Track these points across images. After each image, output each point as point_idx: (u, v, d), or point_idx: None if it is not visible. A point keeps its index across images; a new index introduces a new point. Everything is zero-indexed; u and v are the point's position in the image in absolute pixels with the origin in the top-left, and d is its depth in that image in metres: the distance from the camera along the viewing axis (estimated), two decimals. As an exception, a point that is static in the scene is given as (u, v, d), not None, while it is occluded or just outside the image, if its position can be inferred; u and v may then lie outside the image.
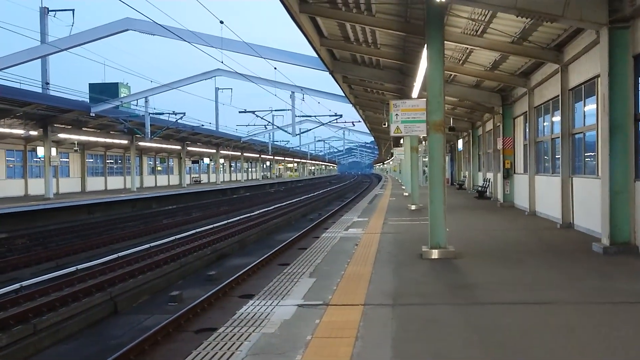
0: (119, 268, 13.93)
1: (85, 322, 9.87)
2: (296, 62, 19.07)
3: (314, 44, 15.43)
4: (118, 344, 8.57)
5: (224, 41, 17.84)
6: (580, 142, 12.55)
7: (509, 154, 19.03)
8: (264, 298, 6.39)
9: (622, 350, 4.50)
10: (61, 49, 20.59)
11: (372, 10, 12.86)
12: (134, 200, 33.66)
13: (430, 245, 9.08)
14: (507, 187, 19.26)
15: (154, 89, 30.54)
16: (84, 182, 40.19)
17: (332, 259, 9.07)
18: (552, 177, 14.35)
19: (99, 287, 11.77)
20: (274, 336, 4.95)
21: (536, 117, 16.33)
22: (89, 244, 18.17)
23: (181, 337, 8.95)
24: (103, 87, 48.92)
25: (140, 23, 19.82)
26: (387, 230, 12.98)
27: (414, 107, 10.02)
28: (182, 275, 13.92)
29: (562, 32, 11.65)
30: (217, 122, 57.27)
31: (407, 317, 5.50)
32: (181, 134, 43.73)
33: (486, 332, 4.98)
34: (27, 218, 23.77)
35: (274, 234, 22.06)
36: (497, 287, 6.81)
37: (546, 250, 9.81)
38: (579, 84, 12.02)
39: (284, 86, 29.18)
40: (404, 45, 15.49)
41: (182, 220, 26.79)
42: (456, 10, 11.72)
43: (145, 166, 49.97)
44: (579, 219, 12.23)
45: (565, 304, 5.92)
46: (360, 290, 6.66)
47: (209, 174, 65.03)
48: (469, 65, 16.29)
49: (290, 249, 17.45)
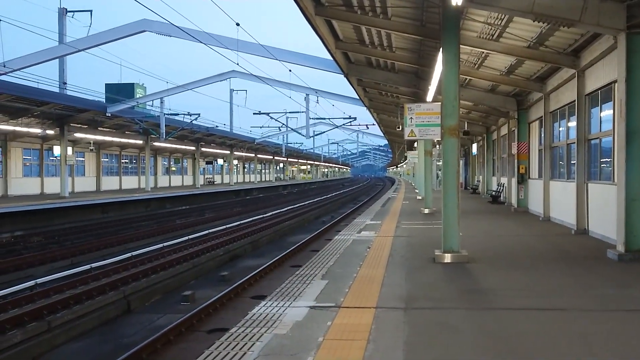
0: (132, 267, 14.02)
1: (98, 320, 9.94)
2: (311, 65, 19.13)
3: (329, 46, 15.46)
4: (131, 343, 8.63)
5: (239, 43, 17.94)
6: (596, 147, 12.45)
7: (524, 159, 18.91)
8: (276, 299, 6.41)
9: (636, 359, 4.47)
10: (79, 49, 20.81)
11: (388, 14, 12.86)
12: (148, 200, 33.87)
13: (444, 249, 9.06)
14: (522, 192, 19.14)
15: (169, 90, 30.77)
16: (99, 182, 40.53)
17: (345, 261, 9.08)
18: (567, 183, 14.25)
19: (113, 286, 11.85)
20: (285, 337, 4.97)
21: (552, 122, 16.23)
22: (103, 242, 18.32)
23: (193, 336, 8.98)
24: (119, 87, 49.27)
25: (156, 24, 19.99)
26: (400, 233, 12.96)
27: (428, 111, 9.99)
28: (195, 275, 13.98)
29: (579, 37, 11.58)
30: (231, 124, 57.46)
31: (420, 321, 5.49)
32: (195, 134, 43.96)
33: (498, 338, 4.96)
34: (43, 216, 24.01)
35: (286, 236, 22.09)
36: (510, 292, 6.78)
37: (560, 256, 9.74)
38: (596, 89, 11.93)
39: (299, 88, 29.27)
40: (420, 48, 15.47)
41: (195, 220, 26.91)
42: (472, 15, 11.69)
43: (159, 166, 50.30)
44: (594, 225, 12.13)
45: (578, 311, 5.88)
46: (372, 293, 6.67)
47: (223, 175, 65.27)
48: (484, 69, 16.23)
49: (303, 251, 17.46)
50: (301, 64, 19.18)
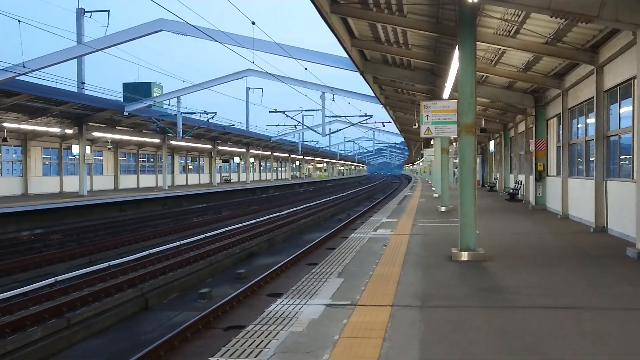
0: (150, 265, 14.14)
1: (116, 318, 10.05)
2: (327, 63, 19.11)
3: (345, 44, 15.43)
4: (148, 340, 8.71)
5: (255, 42, 17.98)
6: (616, 144, 12.30)
7: (542, 156, 18.74)
8: (292, 297, 6.43)
9: (656, 358, 4.42)
10: (96, 49, 20.98)
11: (404, 11, 12.81)
12: (165, 198, 34.11)
13: (460, 247, 9.02)
14: (540, 190, 18.97)
15: (186, 89, 30.93)
16: (117, 180, 40.92)
17: (361, 259, 9.07)
18: (585, 180, 14.10)
19: (131, 283, 11.98)
20: (301, 335, 4.98)
21: (570, 119, 16.06)
22: (120, 240, 18.49)
23: (210, 334, 9.04)
24: (136, 86, 49.64)
25: (173, 24, 20.09)
26: (417, 231, 12.92)
27: (444, 109, 9.94)
28: (212, 273, 14.06)
29: (597, 32, 11.44)
30: (247, 122, 57.64)
31: (435, 320, 5.48)
32: (212, 133, 44.17)
33: (515, 337, 4.93)
34: (62, 214, 24.30)
35: (302, 234, 22.13)
36: (527, 291, 6.72)
37: (578, 254, 9.65)
38: (615, 85, 11.78)
39: (314, 86, 29.27)
40: (436, 45, 15.39)
41: (212, 218, 27.06)
42: (488, 11, 11.60)
43: (176, 165, 50.63)
44: (613, 223, 11.99)
45: (596, 310, 5.82)
46: (388, 291, 6.66)
47: (239, 173, 65.51)
48: (501, 66, 16.10)
49: (319, 249, 17.48)
50: (317, 62, 19.17)
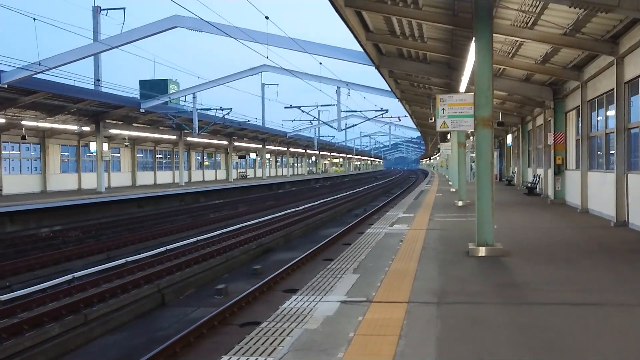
0: (166, 261, 14.19)
1: (133, 314, 10.09)
2: (342, 57, 18.98)
3: (360, 38, 15.30)
4: (164, 336, 8.73)
5: (269, 37, 17.91)
6: (637, 137, 12.06)
7: (561, 149, 18.46)
8: (307, 293, 6.37)
9: (680, 356, 4.29)
10: (113, 46, 21.06)
11: (419, 3, 12.65)
12: (182, 194, 34.27)
13: (478, 242, 8.89)
14: (558, 184, 18.71)
15: (202, 85, 30.97)
16: (134, 177, 41.19)
17: (377, 254, 8.99)
18: (606, 174, 13.86)
19: (148, 280, 12.03)
20: (316, 332, 4.92)
21: (589, 112, 15.79)
22: (138, 236, 18.59)
23: (226, 330, 9.04)
24: (153, 83, 49.84)
25: (188, 20, 20.08)
26: (433, 226, 12.80)
27: (461, 102, 9.79)
28: (228, 268, 14.08)
29: (617, 22, 11.20)
30: (263, 118, 57.67)
31: (453, 316, 5.38)
32: (228, 129, 44.26)
33: (534, 334, 4.82)
34: (80, 211, 24.50)
35: (319, 229, 22.09)
36: (547, 287, 6.60)
37: (599, 249, 9.48)
38: (636, 76, 11.53)
39: (330, 81, 29.15)
40: (452, 38, 15.20)
41: (228, 214, 27.13)
42: (505, 2, 11.41)
43: (193, 161, 50.85)
44: (635, 217, 11.77)
45: (618, 306, 5.68)
46: (404, 287, 6.57)
47: (255, 169, 65.65)
48: (518, 58, 15.87)
49: (335, 244, 17.43)
50: (331, 57, 19.05)
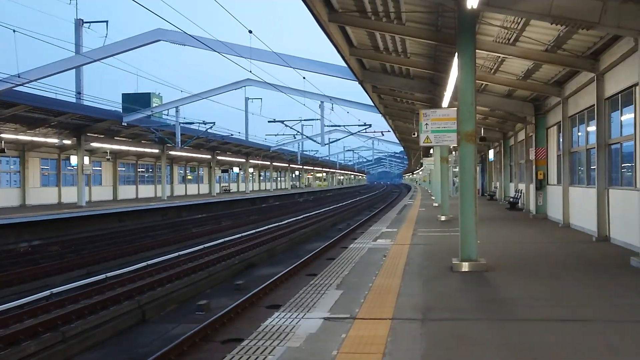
0: (147, 276, 13.98)
1: (113, 330, 9.88)
2: (325, 72, 19.04)
3: (343, 53, 15.35)
4: (145, 353, 8.54)
5: (252, 51, 17.90)
6: (617, 152, 12.18)
7: (542, 164, 18.61)
8: (290, 310, 6.28)
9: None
10: (95, 59, 20.92)
11: (402, 19, 12.72)
12: (164, 208, 33.95)
13: (461, 257, 8.87)
14: (540, 199, 18.83)
15: (185, 99, 30.87)
16: (116, 191, 40.77)
17: (360, 270, 8.93)
18: (587, 189, 13.96)
19: (128, 295, 11.81)
20: (298, 350, 4.83)
21: (570, 127, 15.95)
22: (119, 251, 18.33)
23: (207, 347, 8.88)
24: (136, 97, 49.59)
25: (171, 34, 20.03)
26: (417, 241, 12.78)
27: (444, 117, 9.82)
28: (210, 284, 13.90)
29: (598, 39, 11.34)
30: (246, 132, 57.51)
31: (438, 333, 5.32)
32: (211, 143, 44.09)
33: (522, 351, 4.77)
34: (60, 225, 24.13)
35: (302, 244, 21.97)
36: (532, 302, 6.57)
37: (582, 264, 9.50)
38: (616, 92, 11.67)
39: (313, 96, 29.21)
40: (435, 54, 15.31)
41: (211, 229, 26.90)
42: (488, 19, 11.51)
43: (175, 175, 50.52)
44: (616, 232, 11.84)
45: (605, 322, 5.66)
46: (388, 303, 6.50)
47: (239, 183, 65.38)
48: (500, 74, 16.01)
49: (319, 259, 17.33)
50: (315, 71, 19.10)
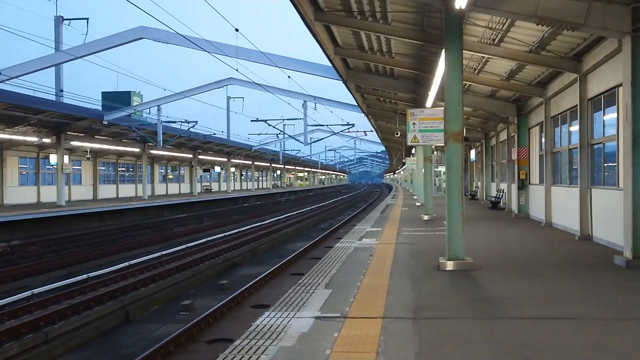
0: (130, 276, 13.83)
1: (96, 331, 9.76)
2: (310, 71, 19.01)
3: (328, 52, 15.34)
4: (130, 354, 8.45)
5: (238, 50, 17.80)
6: (600, 152, 12.33)
7: (524, 164, 18.79)
8: (279, 309, 6.24)
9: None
10: (76, 57, 20.66)
11: (388, 19, 12.74)
12: (145, 208, 33.65)
13: (448, 256, 8.90)
14: (522, 198, 19.01)
15: (167, 98, 30.62)
16: (96, 190, 40.32)
17: (348, 269, 8.92)
18: (569, 188, 14.12)
19: (111, 296, 11.68)
20: (292, 350, 4.80)
21: (552, 128, 16.12)
22: (100, 251, 18.11)
23: (193, 347, 8.80)
24: (116, 95, 49.14)
25: (153, 31, 19.86)
26: (402, 240, 12.81)
27: (432, 116, 9.86)
28: (194, 284, 13.79)
29: (581, 41, 11.47)
30: (228, 131, 57.34)
31: (429, 332, 5.33)
32: (193, 142, 43.81)
33: (513, 348, 4.79)
34: (39, 225, 23.79)
35: (285, 243, 21.91)
36: (520, 301, 6.61)
37: (567, 263, 9.60)
38: (599, 93, 11.82)
39: (297, 95, 29.16)
40: (420, 54, 15.36)
41: (193, 228, 26.72)
42: (473, 19, 11.58)
43: (156, 174, 50.12)
44: (598, 231, 12.00)
45: (591, 320, 5.72)
46: (378, 302, 6.50)
47: (220, 182, 65.07)
48: (484, 74, 16.12)
49: (302, 258, 17.29)
50: (300, 71, 19.05)
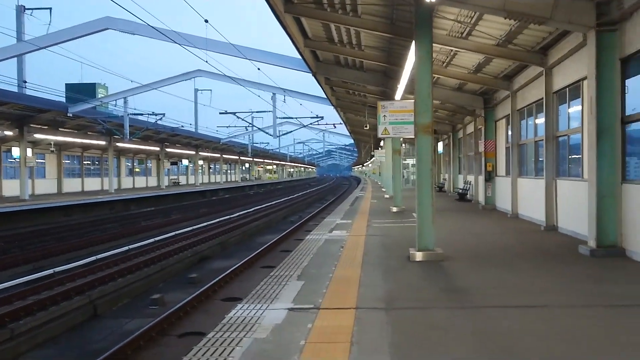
0: (98, 271, 13.62)
1: (64, 326, 9.60)
2: (280, 64, 18.95)
3: (298, 44, 15.32)
4: (99, 349, 8.33)
5: (208, 42, 17.61)
6: (565, 144, 12.59)
7: (491, 156, 19.06)
8: (252, 302, 6.23)
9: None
10: (39, 47, 20.17)
11: (358, 12, 12.79)
12: (112, 202, 33.14)
13: (418, 247, 9.00)
14: (489, 190, 19.30)
15: (134, 89, 30.17)
16: (61, 184, 39.51)
17: (319, 261, 8.94)
18: (535, 180, 14.39)
19: (78, 290, 11.49)
20: (266, 341, 4.79)
21: (519, 120, 16.39)
22: (66, 246, 17.78)
23: (165, 341, 8.73)
24: (80, 87, 48.18)
25: (120, 22, 19.52)
26: (372, 232, 12.89)
27: (402, 109, 9.94)
28: (163, 277, 13.67)
29: (547, 35, 11.69)
30: (196, 124, 56.67)
31: (402, 322, 5.38)
32: (160, 135, 43.25)
33: (486, 337, 4.87)
34: (2, 220, 23.22)
35: (255, 236, 21.85)
36: (490, 290, 6.73)
37: (534, 252, 9.79)
38: (564, 86, 12.06)
39: (267, 87, 29.03)
40: (389, 47, 15.44)
41: (161, 222, 26.42)
42: (443, 12, 11.69)
43: (123, 167, 49.37)
44: (563, 221, 12.27)
45: (561, 308, 5.84)
46: (351, 293, 6.54)
47: (188, 175, 64.44)
48: (452, 67, 16.30)
49: (273, 251, 17.28)
50: (270, 63, 18.97)
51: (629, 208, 8.61)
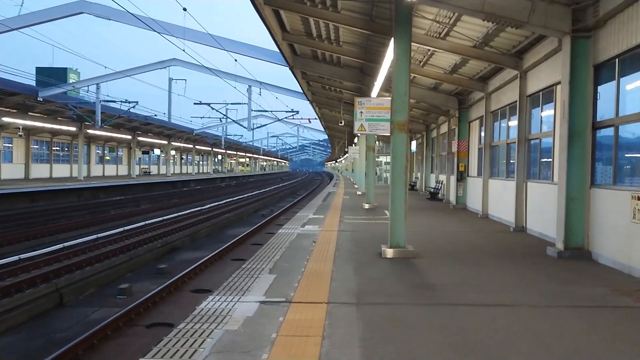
0: (64, 259, 13.39)
1: (28, 314, 9.42)
2: (257, 56, 18.86)
3: (276, 37, 15.26)
4: (64, 338, 8.20)
5: (186, 31, 17.42)
6: (536, 147, 12.79)
7: (463, 157, 19.27)
8: (223, 294, 6.20)
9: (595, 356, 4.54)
10: (10, 28, 19.72)
11: (338, 7, 12.78)
12: (80, 189, 32.61)
13: (390, 244, 9.07)
14: (460, 190, 19.51)
15: (107, 76, 29.72)
16: (28, 169, 38.73)
17: (291, 255, 8.94)
18: (506, 181, 14.59)
19: (44, 278, 11.28)
20: (237, 334, 4.78)
21: (492, 122, 16.58)
22: (32, 233, 17.45)
23: (132, 331, 8.63)
24: (51, 71, 47.16)
25: (95, 6, 19.19)
26: (344, 228, 12.93)
27: (378, 106, 9.97)
28: (132, 267, 13.50)
29: (523, 39, 11.84)
30: (169, 113, 56.06)
31: (373, 317, 5.42)
32: (132, 123, 42.71)
33: (453, 333, 4.94)
34: (-34, 204, 22.69)
35: (225, 229, 21.73)
36: (459, 288, 6.81)
37: (503, 252, 9.93)
38: (537, 90, 12.24)
39: (243, 79, 28.85)
40: (367, 44, 15.48)
41: (131, 211, 26.08)
42: (422, 12, 11.75)
43: (93, 155, 48.65)
44: (532, 223, 12.47)
45: (526, 307, 5.95)
46: (322, 288, 6.55)
47: (159, 165, 63.78)
48: (429, 67, 16.41)
49: (244, 244, 17.21)
50: (247, 55, 18.86)
51: (596, 212, 8.80)
